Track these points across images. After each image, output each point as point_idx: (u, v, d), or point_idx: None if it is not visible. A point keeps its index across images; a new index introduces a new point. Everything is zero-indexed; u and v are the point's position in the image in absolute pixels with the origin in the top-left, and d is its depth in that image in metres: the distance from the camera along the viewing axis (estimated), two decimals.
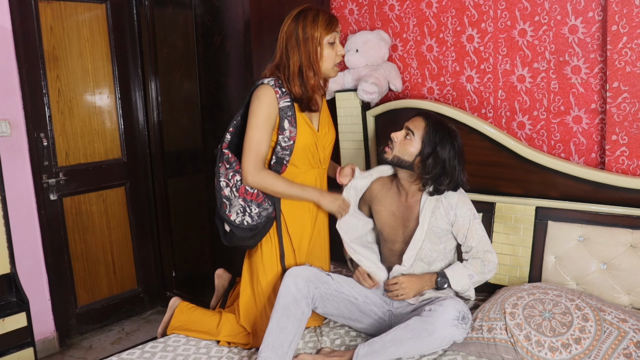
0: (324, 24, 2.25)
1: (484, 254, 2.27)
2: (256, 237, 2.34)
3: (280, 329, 2.12)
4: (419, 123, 2.28)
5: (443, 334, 2.00)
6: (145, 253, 3.90)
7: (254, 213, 2.30)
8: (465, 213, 2.28)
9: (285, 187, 2.28)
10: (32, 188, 3.26)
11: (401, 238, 2.36)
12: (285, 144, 2.30)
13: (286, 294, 2.19)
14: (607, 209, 2.34)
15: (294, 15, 2.27)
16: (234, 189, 2.31)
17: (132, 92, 3.74)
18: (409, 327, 2.05)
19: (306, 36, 2.23)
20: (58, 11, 3.35)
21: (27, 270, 3.21)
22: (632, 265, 2.23)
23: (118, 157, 3.72)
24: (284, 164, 2.32)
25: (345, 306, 2.32)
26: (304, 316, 2.18)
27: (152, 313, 3.93)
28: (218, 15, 3.24)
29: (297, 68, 2.26)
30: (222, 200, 2.32)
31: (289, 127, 2.28)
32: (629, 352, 1.84)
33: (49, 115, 3.34)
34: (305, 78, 2.26)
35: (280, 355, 2.08)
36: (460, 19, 2.82)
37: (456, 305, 2.05)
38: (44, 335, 3.35)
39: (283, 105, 2.27)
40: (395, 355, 2.04)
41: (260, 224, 2.31)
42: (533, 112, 2.65)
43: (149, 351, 2.25)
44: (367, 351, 2.06)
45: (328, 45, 2.27)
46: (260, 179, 2.25)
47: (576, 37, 2.48)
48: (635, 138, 2.34)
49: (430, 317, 2.03)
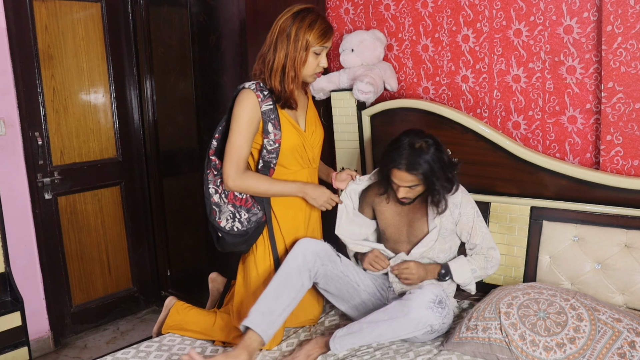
0: (318, 33, 2.24)
1: (487, 251, 2.32)
2: (248, 242, 2.35)
3: (276, 297, 2.15)
4: (407, 177, 2.18)
5: (419, 315, 2.04)
6: (141, 252, 3.89)
7: (243, 219, 2.31)
8: (469, 211, 2.32)
9: (268, 186, 2.28)
10: (26, 187, 3.25)
11: (405, 238, 2.38)
12: (271, 147, 2.29)
13: (291, 262, 2.22)
14: (602, 209, 2.34)
15: (293, 12, 2.26)
16: (223, 195, 2.32)
17: (128, 91, 3.73)
18: (387, 310, 2.11)
19: (297, 37, 2.22)
20: (53, 10, 3.33)
21: (21, 269, 3.20)
22: (626, 265, 2.24)
23: (113, 156, 3.71)
24: (272, 167, 2.32)
25: (347, 290, 2.35)
26: (302, 288, 2.21)
27: (147, 312, 3.92)
28: (213, 15, 3.23)
29: (281, 64, 2.24)
30: (211, 207, 2.33)
31: (273, 130, 2.27)
32: (623, 352, 1.85)
33: (43, 114, 3.33)
34: (286, 77, 2.25)
35: (269, 322, 2.11)
36: (455, 19, 2.82)
37: (434, 289, 2.11)
38: (39, 334, 3.34)
39: (265, 108, 2.26)
40: (370, 335, 2.08)
41: (250, 229, 2.32)
42: (528, 112, 2.66)
43: (144, 350, 2.25)
44: (344, 332, 2.10)
45: (313, 54, 2.27)
46: (241, 182, 2.25)
47: (571, 37, 2.48)
48: (630, 138, 2.35)
49: (408, 299, 2.09)
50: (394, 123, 2.89)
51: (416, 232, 2.35)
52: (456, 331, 2.12)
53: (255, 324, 2.09)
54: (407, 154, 2.17)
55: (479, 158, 2.65)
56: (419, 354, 2.07)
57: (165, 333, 2.43)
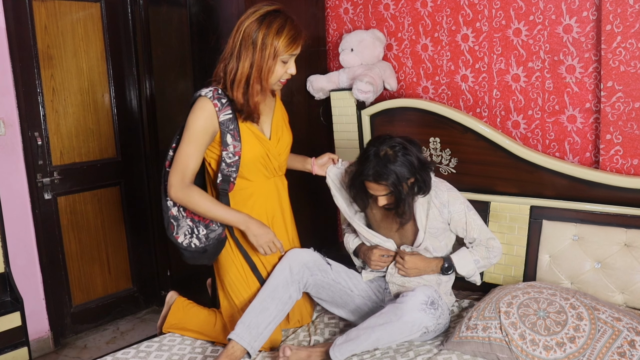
0: (287, 40, 2.06)
1: (487, 242, 2.31)
2: (209, 257, 2.25)
3: (262, 310, 2.15)
4: (377, 187, 2.15)
5: (412, 318, 2.04)
6: (141, 252, 3.89)
7: (201, 235, 2.20)
8: (459, 208, 2.29)
9: (209, 207, 2.13)
10: (26, 187, 3.24)
11: (397, 240, 2.37)
12: (230, 160, 2.15)
13: (278, 275, 2.22)
14: (602, 208, 2.34)
15: (259, 15, 2.06)
16: (182, 209, 2.20)
17: (127, 91, 3.72)
18: (382, 314, 2.11)
19: (265, 45, 2.04)
20: (52, 10, 3.33)
21: (21, 269, 3.20)
22: (626, 264, 2.24)
23: (113, 156, 3.70)
24: (231, 181, 2.19)
25: (340, 297, 2.35)
26: (290, 300, 2.21)
27: (147, 312, 3.92)
28: (213, 14, 3.23)
29: (245, 75, 2.07)
30: (169, 221, 2.20)
31: (233, 142, 2.13)
32: (623, 351, 1.85)
33: (43, 114, 3.32)
34: (251, 89, 2.09)
35: (254, 335, 2.11)
36: (455, 18, 2.82)
37: (426, 291, 2.11)
38: (39, 334, 3.33)
39: (224, 118, 2.11)
40: (368, 341, 2.07)
41: (209, 247, 2.21)
42: (528, 111, 2.66)
43: (144, 350, 2.25)
44: (343, 340, 2.09)
45: (281, 63, 2.09)
46: (184, 195, 2.11)
47: (571, 36, 2.48)
48: (630, 137, 2.35)
49: (401, 302, 2.09)
50: (394, 122, 2.89)
51: (406, 232, 2.34)
52: (456, 330, 2.12)
53: (240, 337, 2.10)
54: (374, 164, 2.11)
55: (478, 157, 2.65)
56: (419, 353, 2.07)
57: (166, 332, 2.42)
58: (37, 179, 3.31)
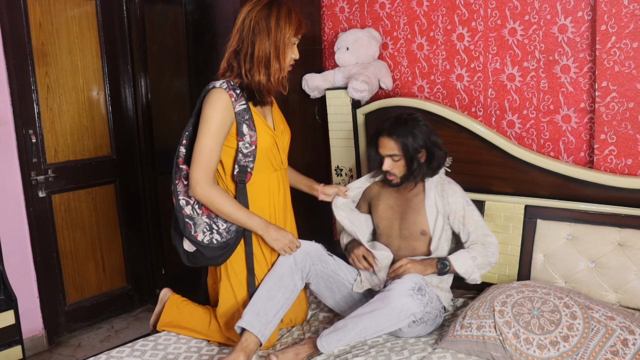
0: (295, 24, 2.18)
1: (483, 238, 2.31)
2: (226, 254, 2.22)
3: (270, 297, 2.16)
4: (388, 143, 2.30)
5: (400, 304, 2.04)
6: (135, 250, 3.88)
7: (222, 229, 2.17)
8: (458, 200, 2.33)
9: (232, 210, 2.13)
10: (20, 185, 3.23)
11: (397, 232, 2.39)
12: (247, 150, 2.17)
13: (284, 264, 2.23)
14: (596, 208, 2.35)
15: (265, 3, 2.16)
16: (196, 207, 2.17)
17: (122, 89, 3.71)
18: (370, 303, 2.12)
19: (279, 26, 2.14)
20: (47, 7, 3.31)
21: (15, 267, 3.19)
22: (619, 264, 2.25)
23: (107, 154, 3.69)
24: (249, 171, 2.20)
25: (338, 288, 2.37)
26: (295, 288, 2.23)
27: (141, 311, 3.91)
28: (208, 12, 3.22)
29: (265, 55, 2.14)
30: (185, 221, 2.16)
31: (249, 132, 2.16)
32: (616, 350, 1.86)
33: (37, 111, 3.31)
34: (272, 68, 2.16)
35: (264, 322, 2.11)
36: (450, 18, 2.82)
37: (413, 277, 2.13)
38: (33, 333, 3.32)
39: (239, 109, 2.15)
40: (355, 330, 2.07)
41: (231, 240, 2.20)
42: (523, 111, 2.67)
43: (139, 349, 2.24)
44: (330, 330, 2.11)
45: (291, 45, 2.20)
46: (209, 193, 2.10)
47: (566, 36, 2.49)
48: (624, 137, 2.36)
49: (389, 290, 2.10)
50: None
51: (409, 226, 2.36)
52: (450, 329, 2.13)
53: (250, 324, 2.09)
54: (393, 121, 2.33)
55: (473, 157, 2.65)
56: (413, 352, 2.08)
57: (160, 330, 2.41)
58: (31, 177, 3.29)
